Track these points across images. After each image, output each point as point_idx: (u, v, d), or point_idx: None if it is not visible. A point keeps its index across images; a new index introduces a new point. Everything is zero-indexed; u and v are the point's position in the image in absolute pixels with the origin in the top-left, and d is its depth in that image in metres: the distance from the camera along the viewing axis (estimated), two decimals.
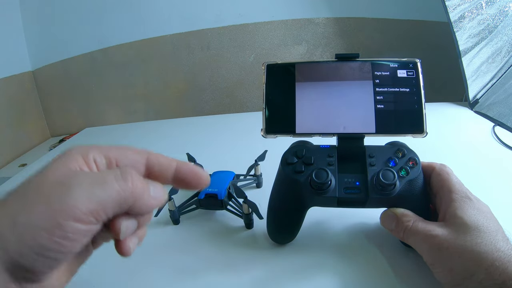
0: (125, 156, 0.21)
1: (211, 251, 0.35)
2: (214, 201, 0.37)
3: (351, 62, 0.31)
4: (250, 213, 0.36)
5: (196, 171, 0.22)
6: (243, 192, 0.38)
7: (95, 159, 0.20)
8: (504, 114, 0.59)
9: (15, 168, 0.78)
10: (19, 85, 0.91)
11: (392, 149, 0.30)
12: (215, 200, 0.37)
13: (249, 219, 0.37)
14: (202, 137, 0.68)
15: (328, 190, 0.28)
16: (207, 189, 0.38)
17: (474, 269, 0.22)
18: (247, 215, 0.36)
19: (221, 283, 0.31)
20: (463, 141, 0.55)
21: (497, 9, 0.63)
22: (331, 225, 0.36)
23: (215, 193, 0.37)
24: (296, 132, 0.30)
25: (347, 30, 0.91)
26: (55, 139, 0.97)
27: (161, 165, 0.21)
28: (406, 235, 0.27)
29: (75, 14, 0.91)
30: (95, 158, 0.20)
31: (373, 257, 0.32)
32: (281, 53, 0.94)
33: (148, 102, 1.00)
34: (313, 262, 0.32)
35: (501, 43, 0.64)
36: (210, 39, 0.93)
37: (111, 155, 0.20)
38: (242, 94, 0.99)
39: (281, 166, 0.31)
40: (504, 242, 0.23)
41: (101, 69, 0.96)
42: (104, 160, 0.20)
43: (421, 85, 0.29)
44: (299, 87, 0.31)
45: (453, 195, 0.27)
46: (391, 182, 0.27)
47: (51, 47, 0.94)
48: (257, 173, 0.44)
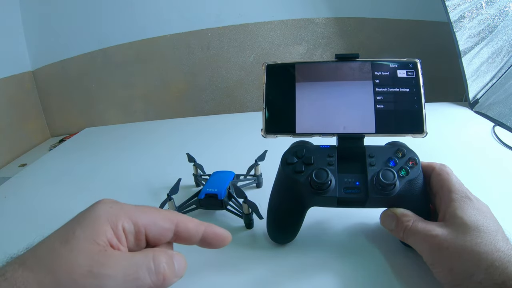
0: (154, 224, 0.21)
1: (211, 251, 0.35)
2: (214, 201, 0.37)
3: (351, 62, 0.31)
4: (250, 213, 0.36)
5: (221, 234, 0.23)
6: (243, 192, 0.38)
7: (124, 228, 0.20)
8: (504, 114, 0.59)
9: (15, 168, 0.78)
10: (19, 85, 0.91)
11: (392, 149, 0.30)
12: (215, 200, 0.37)
13: (249, 219, 0.36)
14: (202, 137, 0.68)
15: (328, 190, 0.28)
16: (207, 189, 0.38)
17: (474, 269, 0.22)
18: (247, 215, 0.36)
19: (221, 283, 0.31)
20: (463, 141, 0.55)
21: (497, 9, 0.63)
22: (331, 225, 0.36)
23: (215, 193, 0.37)
24: (296, 132, 0.30)
25: (347, 30, 0.91)
26: (55, 139, 0.97)
27: (189, 232, 0.22)
28: (406, 235, 0.27)
29: (75, 14, 0.91)
30: (124, 227, 0.20)
31: (373, 257, 0.32)
32: (281, 53, 0.94)
33: (148, 102, 1.00)
34: (313, 262, 0.32)
35: (501, 43, 0.64)
36: (210, 39, 0.93)
37: (140, 223, 0.20)
38: (242, 94, 0.98)
39: (281, 166, 0.31)
40: (504, 242, 0.23)
41: (101, 69, 0.96)
42: (133, 228, 0.20)
43: (421, 85, 0.29)
44: (299, 87, 0.31)
45: (453, 195, 0.27)
46: (391, 182, 0.27)
47: (51, 47, 0.94)
48: (257, 173, 0.44)
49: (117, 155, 0.63)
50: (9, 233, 0.42)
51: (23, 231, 0.42)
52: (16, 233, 0.42)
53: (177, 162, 0.48)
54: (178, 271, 0.21)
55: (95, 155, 0.66)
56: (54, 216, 0.44)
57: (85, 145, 0.74)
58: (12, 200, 0.51)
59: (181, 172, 0.49)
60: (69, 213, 0.33)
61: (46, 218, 0.44)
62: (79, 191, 0.51)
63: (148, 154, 0.63)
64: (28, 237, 0.40)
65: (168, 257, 0.20)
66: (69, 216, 0.32)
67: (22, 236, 0.41)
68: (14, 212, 0.47)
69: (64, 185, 0.54)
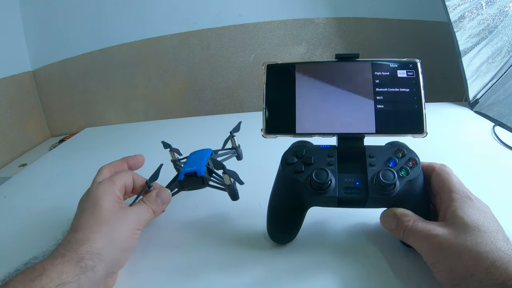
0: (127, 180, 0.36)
1: (210, 251, 0.35)
2: (195, 179, 0.36)
3: (351, 62, 0.31)
4: (233, 183, 0.36)
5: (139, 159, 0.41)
6: (220, 163, 0.36)
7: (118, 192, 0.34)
8: (504, 114, 0.59)
9: (15, 168, 0.78)
10: (19, 85, 0.91)
11: (392, 149, 0.30)
12: (195, 178, 0.36)
13: (232, 189, 0.36)
14: (202, 137, 0.68)
15: (328, 190, 0.28)
16: (186, 169, 0.37)
17: (474, 269, 0.22)
18: (229, 186, 0.36)
19: (221, 283, 0.31)
20: (463, 141, 0.55)
21: (497, 9, 0.63)
22: (331, 225, 0.36)
23: (194, 171, 0.36)
24: (296, 132, 0.30)
25: (347, 30, 0.91)
26: (55, 139, 0.97)
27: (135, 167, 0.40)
28: (406, 235, 0.27)
29: (75, 14, 0.91)
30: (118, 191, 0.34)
31: (373, 257, 0.32)
32: (281, 53, 0.94)
33: (148, 102, 1.00)
34: (313, 262, 0.32)
35: (501, 43, 0.64)
36: (210, 39, 0.93)
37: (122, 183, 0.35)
38: (242, 94, 0.98)
39: (281, 166, 0.31)
40: (505, 242, 0.23)
41: (101, 69, 0.96)
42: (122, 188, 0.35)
43: (421, 85, 0.29)
44: (299, 87, 0.31)
45: (454, 195, 0.27)
46: (391, 182, 0.27)
47: (51, 47, 0.94)
48: (234, 145, 0.43)
49: (117, 155, 0.63)
50: (9, 233, 0.42)
51: (23, 231, 0.42)
52: (16, 233, 0.42)
53: None
54: (165, 199, 0.36)
55: (95, 155, 0.66)
56: (54, 216, 0.44)
57: (85, 145, 0.74)
58: (12, 200, 0.51)
59: None
60: (69, 213, 0.33)
61: (46, 218, 0.44)
62: (79, 191, 0.51)
63: (148, 154, 0.63)
64: (28, 237, 0.40)
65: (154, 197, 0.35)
66: (69, 216, 0.32)
67: (22, 236, 0.41)
68: (14, 212, 0.47)
69: (64, 185, 0.54)
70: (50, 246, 0.29)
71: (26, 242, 0.39)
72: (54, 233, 0.39)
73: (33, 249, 0.37)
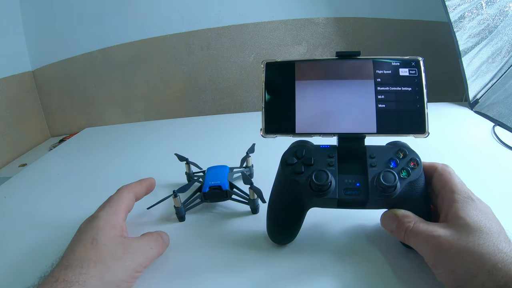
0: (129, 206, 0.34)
1: (211, 251, 0.35)
2: (219, 193, 0.40)
3: (352, 60, 0.30)
4: (256, 199, 0.39)
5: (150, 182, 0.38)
6: (249, 179, 0.40)
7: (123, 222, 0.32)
8: (504, 114, 0.59)
9: (15, 168, 0.78)
10: (19, 85, 0.91)
11: (393, 150, 0.29)
12: (219, 191, 0.40)
13: (255, 204, 0.39)
14: (202, 137, 0.68)
15: (328, 192, 0.28)
16: (210, 182, 0.40)
17: (476, 271, 0.22)
18: (253, 201, 0.39)
19: (221, 283, 0.30)
20: (463, 141, 0.55)
21: (497, 9, 0.62)
22: (331, 226, 0.36)
23: (219, 185, 0.40)
24: (296, 132, 0.30)
25: (347, 30, 0.91)
26: (55, 139, 0.97)
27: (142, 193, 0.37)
28: (407, 236, 0.27)
29: (75, 14, 0.91)
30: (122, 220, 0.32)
31: (374, 258, 0.31)
32: (281, 53, 0.94)
33: (148, 102, 1.00)
34: (313, 263, 0.31)
35: (501, 43, 0.64)
36: (210, 39, 0.93)
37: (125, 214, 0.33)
38: (242, 94, 0.98)
39: (280, 166, 0.31)
40: (507, 243, 0.23)
41: (101, 69, 0.96)
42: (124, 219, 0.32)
43: (423, 84, 0.29)
44: (299, 86, 0.30)
45: (455, 196, 0.26)
46: (392, 184, 0.27)
47: (51, 47, 0.94)
48: (248, 164, 0.47)
49: (117, 155, 0.63)
50: (9, 233, 0.42)
51: (23, 231, 0.42)
52: (16, 233, 0.42)
53: (177, 162, 0.48)
54: (167, 242, 0.34)
55: (95, 155, 0.66)
56: (54, 216, 0.44)
57: (85, 145, 0.74)
58: (12, 200, 0.51)
59: (177, 171, 0.49)
60: (69, 213, 0.33)
61: (46, 218, 0.44)
62: (79, 191, 0.51)
63: (148, 154, 0.63)
64: (28, 237, 0.40)
65: (159, 235, 0.33)
66: (69, 215, 0.32)
67: (22, 236, 0.41)
68: (14, 212, 0.47)
69: (64, 185, 0.54)
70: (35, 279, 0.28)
71: (25, 242, 0.39)
72: (54, 234, 0.39)
73: (34, 250, 0.37)
